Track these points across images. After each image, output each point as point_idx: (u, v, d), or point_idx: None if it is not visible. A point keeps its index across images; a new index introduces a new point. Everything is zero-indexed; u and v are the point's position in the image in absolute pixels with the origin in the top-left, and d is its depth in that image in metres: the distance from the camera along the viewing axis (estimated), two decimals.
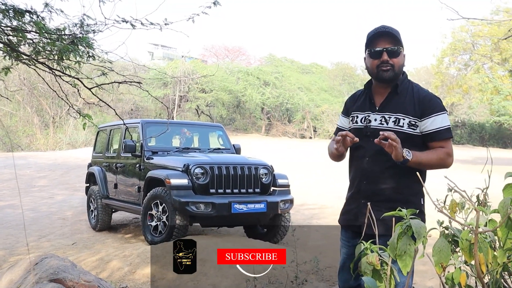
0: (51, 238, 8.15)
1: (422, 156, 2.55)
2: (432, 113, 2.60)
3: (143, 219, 7.06)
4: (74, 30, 3.03)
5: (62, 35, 3.00)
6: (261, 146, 28.17)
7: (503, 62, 21.62)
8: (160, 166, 7.29)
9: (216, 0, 3.15)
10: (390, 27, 2.68)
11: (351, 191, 2.81)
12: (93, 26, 3.03)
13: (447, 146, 2.61)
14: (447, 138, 2.61)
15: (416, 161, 2.51)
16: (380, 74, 2.66)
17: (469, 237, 1.37)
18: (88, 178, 9.58)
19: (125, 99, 34.65)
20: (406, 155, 2.47)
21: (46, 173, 16.67)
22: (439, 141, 2.60)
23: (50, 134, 30.22)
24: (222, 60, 51.38)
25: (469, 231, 1.37)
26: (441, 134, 2.60)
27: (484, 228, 1.31)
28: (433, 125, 2.59)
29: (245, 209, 6.72)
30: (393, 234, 1.47)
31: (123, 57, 3.21)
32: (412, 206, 2.57)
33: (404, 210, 1.51)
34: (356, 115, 2.80)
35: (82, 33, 3.00)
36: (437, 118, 2.59)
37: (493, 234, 1.33)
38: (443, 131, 2.59)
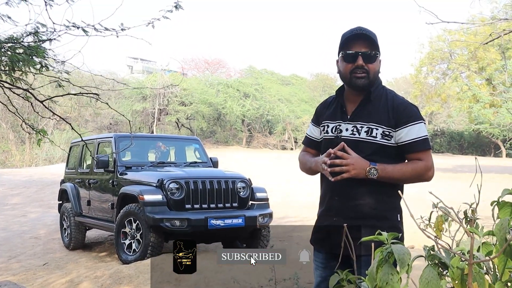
0: (22, 259, 7.82)
1: (394, 170, 2.32)
2: (407, 122, 2.35)
3: (116, 237, 6.81)
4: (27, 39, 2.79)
5: (14, 44, 2.77)
6: (242, 159, 27.96)
7: (480, 71, 21.81)
8: (133, 181, 7.06)
9: (178, 4, 2.94)
10: (367, 29, 2.44)
11: (322, 208, 2.57)
12: (45, 34, 2.78)
13: (425, 158, 2.36)
14: (425, 150, 2.37)
15: (386, 176, 2.30)
16: (354, 81, 2.41)
17: (460, 264, 1.17)
18: (61, 195, 9.28)
19: (103, 113, 34.21)
20: (370, 175, 2.28)
21: (20, 190, 16.22)
22: (415, 152, 2.36)
23: (26, 150, 29.61)
24: (202, 72, 51.26)
25: (459, 258, 1.17)
26: (417, 146, 2.35)
27: (478, 255, 1.10)
28: (409, 136, 2.35)
29: (222, 224, 6.50)
30: (372, 262, 1.26)
31: (79, 67, 2.96)
32: (387, 223, 2.35)
33: (385, 234, 1.30)
34: (327, 124, 2.56)
35: (36, 42, 2.75)
36: (413, 128, 2.35)
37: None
38: (420, 142, 2.34)
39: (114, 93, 36.15)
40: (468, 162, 30.61)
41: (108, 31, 2.82)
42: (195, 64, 54.88)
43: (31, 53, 2.65)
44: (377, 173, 2.27)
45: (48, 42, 2.88)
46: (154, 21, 2.94)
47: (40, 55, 2.73)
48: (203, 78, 45.06)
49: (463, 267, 1.16)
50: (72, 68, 3.12)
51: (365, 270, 2.14)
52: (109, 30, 2.83)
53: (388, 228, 1.55)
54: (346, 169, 2.28)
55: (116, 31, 2.86)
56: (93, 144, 8.44)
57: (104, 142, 8.23)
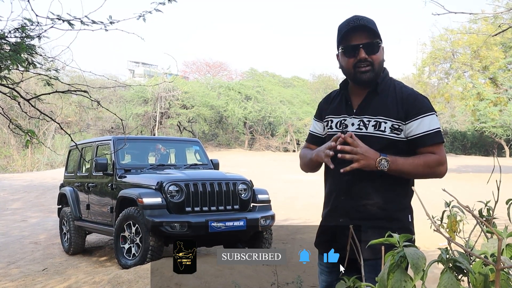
0: (21, 264, 7.70)
1: (406, 162, 2.14)
2: (418, 114, 2.18)
3: (116, 241, 6.68)
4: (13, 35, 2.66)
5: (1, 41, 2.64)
6: (244, 161, 27.85)
7: (483, 70, 21.65)
8: (132, 184, 6.92)
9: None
10: (364, 17, 2.27)
11: (327, 208, 2.41)
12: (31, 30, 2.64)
13: (438, 152, 2.18)
14: (438, 143, 2.19)
15: (396, 169, 2.12)
16: (358, 76, 2.25)
17: (482, 270, 1.03)
18: (60, 199, 9.15)
19: (104, 117, 34.15)
20: (381, 167, 2.10)
21: (21, 195, 16.12)
22: (427, 146, 2.18)
23: (28, 155, 29.55)
24: (204, 75, 51.19)
25: (481, 263, 1.03)
26: (429, 139, 2.17)
27: (504, 259, 0.96)
28: (420, 129, 2.18)
29: (224, 227, 6.36)
30: (383, 268, 1.12)
31: (69, 64, 2.83)
32: (397, 224, 2.18)
33: (396, 236, 1.16)
34: (331, 119, 2.40)
35: (22, 38, 2.62)
36: (424, 120, 2.18)
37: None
38: (432, 134, 2.17)
39: (116, 97, 36.13)
40: (472, 163, 30.45)
41: (96, 24, 2.68)
42: (196, 67, 54.92)
43: (18, 50, 2.52)
44: (387, 165, 2.10)
45: (37, 38, 2.75)
46: (145, 14, 2.80)
47: (26, 51, 2.59)
48: (204, 81, 44.98)
49: (486, 272, 1.02)
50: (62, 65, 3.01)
51: (371, 276, 2.00)
52: (97, 24, 2.68)
53: (399, 230, 1.40)
54: (356, 158, 2.10)
55: (104, 25, 2.72)
56: (92, 147, 8.33)
57: (103, 145, 8.11)
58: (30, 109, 14.13)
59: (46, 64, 2.96)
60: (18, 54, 2.55)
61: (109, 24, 2.69)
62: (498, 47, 21.09)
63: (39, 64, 2.86)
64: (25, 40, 2.61)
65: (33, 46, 2.72)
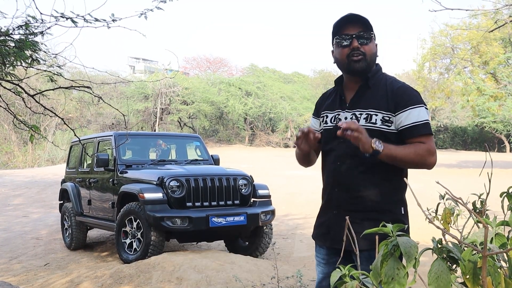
0: (23, 260, 7.75)
1: (397, 149, 2.18)
2: (406, 106, 2.25)
3: (117, 236, 6.72)
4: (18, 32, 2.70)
5: (4, 37, 2.67)
6: (245, 157, 27.86)
7: (483, 65, 21.65)
8: (134, 180, 6.96)
9: None
10: (358, 14, 2.36)
11: (323, 201, 2.49)
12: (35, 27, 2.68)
13: (427, 142, 2.24)
14: (426, 134, 2.24)
15: (389, 153, 2.16)
16: (352, 66, 2.33)
17: (472, 257, 1.07)
18: (62, 195, 9.19)
19: (105, 113, 34.17)
20: (376, 146, 2.12)
21: (22, 191, 16.16)
22: (416, 137, 2.23)
23: (29, 151, 29.57)
24: (204, 71, 51.15)
25: (471, 251, 1.07)
26: (418, 130, 2.22)
27: (492, 246, 1.00)
28: (409, 120, 2.23)
29: (224, 222, 6.41)
30: (377, 256, 1.17)
31: (72, 60, 2.87)
32: (389, 216, 2.22)
33: (390, 225, 1.20)
34: (326, 115, 2.49)
35: (26, 34, 2.66)
36: (413, 111, 2.24)
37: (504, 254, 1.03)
38: (420, 126, 2.22)
39: (116, 93, 36.13)
40: (472, 158, 30.45)
41: (99, 22, 2.72)
42: (197, 63, 54.88)
43: (22, 47, 2.56)
44: (382, 146, 2.14)
45: (40, 35, 2.79)
46: (147, 11, 2.84)
47: (30, 47, 2.63)
48: (205, 77, 44.95)
49: (475, 260, 1.07)
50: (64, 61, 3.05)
51: (365, 266, 2.04)
52: (100, 21, 2.72)
53: (391, 222, 1.44)
54: (356, 134, 2.12)
55: (107, 22, 2.76)
56: (93, 143, 8.37)
57: (104, 140, 8.14)
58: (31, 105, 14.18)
59: (49, 60, 2.99)
60: (22, 51, 2.60)
61: (112, 22, 2.74)
62: (498, 43, 21.09)
63: (42, 60, 2.90)
64: (29, 37, 2.66)
65: (37, 43, 2.75)
